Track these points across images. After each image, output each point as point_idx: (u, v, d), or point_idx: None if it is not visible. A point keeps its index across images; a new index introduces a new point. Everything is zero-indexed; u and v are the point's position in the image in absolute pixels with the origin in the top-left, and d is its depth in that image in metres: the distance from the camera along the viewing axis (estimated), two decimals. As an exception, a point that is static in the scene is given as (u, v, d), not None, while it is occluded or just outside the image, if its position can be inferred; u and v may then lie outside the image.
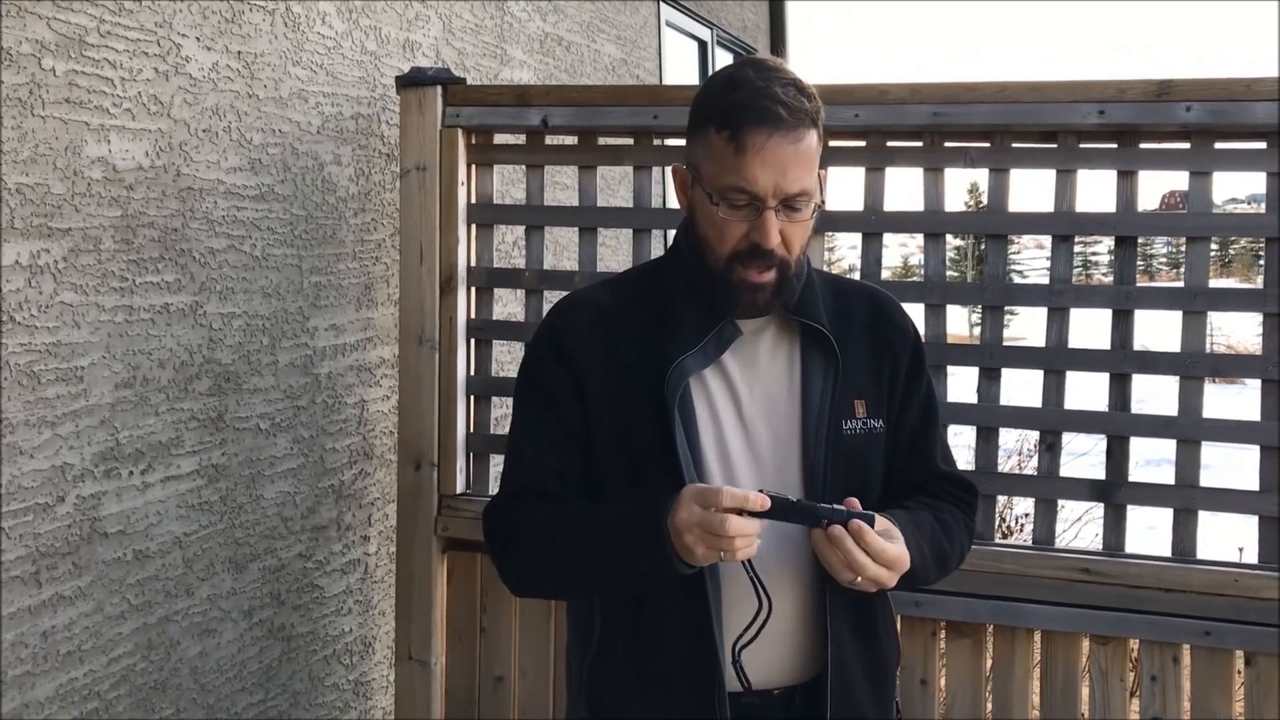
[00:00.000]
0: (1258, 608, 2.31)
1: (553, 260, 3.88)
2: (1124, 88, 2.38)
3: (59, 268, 2.06)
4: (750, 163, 1.49)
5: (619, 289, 1.72)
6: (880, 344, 1.70)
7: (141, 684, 2.28)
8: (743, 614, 1.57)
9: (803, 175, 1.51)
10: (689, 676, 1.58)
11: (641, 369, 1.60)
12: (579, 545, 1.57)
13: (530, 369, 1.71)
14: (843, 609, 1.62)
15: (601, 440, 1.63)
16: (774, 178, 1.49)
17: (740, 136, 1.49)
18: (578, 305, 1.70)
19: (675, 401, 1.57)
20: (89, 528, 2.14)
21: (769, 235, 1.51)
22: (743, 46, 6.80)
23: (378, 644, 3.08)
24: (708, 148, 1.54)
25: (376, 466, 3.02)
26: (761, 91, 1.50)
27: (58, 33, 2.04)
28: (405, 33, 3.09)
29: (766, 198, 1.50)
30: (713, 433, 1.61)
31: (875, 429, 1.66)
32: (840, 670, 1.61)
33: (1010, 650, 2.51)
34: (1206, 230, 2.41)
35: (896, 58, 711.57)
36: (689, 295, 1.62)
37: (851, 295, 1.73)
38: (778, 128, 1.49)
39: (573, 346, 1.64)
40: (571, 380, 1.63)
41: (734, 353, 1.63)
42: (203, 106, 2.38)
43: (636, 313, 1.65)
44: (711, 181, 1.53)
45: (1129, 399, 2.47)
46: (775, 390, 1.64)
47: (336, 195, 2.82)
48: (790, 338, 1.66)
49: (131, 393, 2.23)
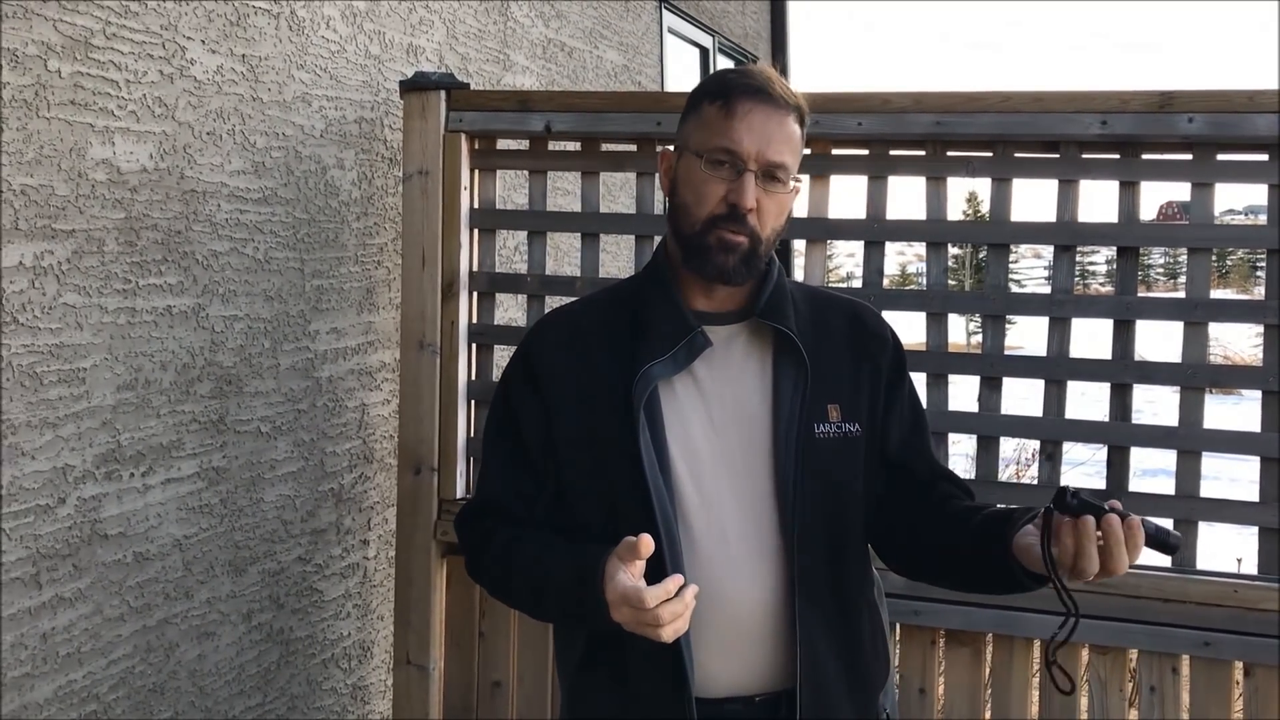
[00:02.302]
0: (1257, 619, 2.31)
1: (554, 265, 3.89)
2: (1126, 99, 2.38)
3: (62, 269, 2.06)
4: (737, 125, 1.58)
5: (597, 302, 1.79)
6: (859, 352, 1.72)
7: (140, 686, 2.28)
8: (720, 619, 1.59)
9: (784, 150, 1.60)
10: (662, 695, 1.59)
11: (611, 381, 1.63)
12: (530, 593, 1.65)
13: (504, 388, 1.76)
14: (817, 616, 1.62)
15: (570, 456, 1.67)
16: (758, 143, 1.58)
17: (731, 103, 1.59)
18: (551, 324, 1.77)
19: (640, 406, 1.59)
20: (89, 530, 2.14)
21: (746, 195, 1.58)
22: (744, 53, 6.81)
23: (376, 648, 3.08)
24: (699, 119, 1.64)
25: (376, 470, 3.02)
26: (757, 73, 1.63)
27: (63, 34, 2.04)
28: (409, 37, 3.10)
29: (749, 160, 1.58)
30: (681, 438, 1.62)
31: (851, 433, 1.67)
32: (813, 675, 1.61)
33: (1009, 659, 2.51)
34: (1210, 241, 2.41)
35: (899, 61, 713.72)
36: (663, 306, 1.66)
37: (829, 306, 1.76)
38: (765, 101, 1.60)
39: (541, 368, 1.70)
40: (539, 402, 1.69)
41: (705, 361, 1.65)
42: (207, 109, 2.38)
43: (611, 325, 1.69)
44: (700, 145, 1.61)
45: (1129, 409, 2.47)
46: (746, 396, 1.66)
47: (339, 199, 2.82)
48: (763, 345, 1.68)
49: (133, 395, 2.23)
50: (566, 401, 1.67)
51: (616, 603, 1.45)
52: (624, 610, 1.45)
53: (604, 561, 1.49)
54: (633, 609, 1.43)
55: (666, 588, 1.43)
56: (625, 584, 1.44)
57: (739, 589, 1.60)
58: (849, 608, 1.68)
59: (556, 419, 1.67)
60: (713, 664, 1.60)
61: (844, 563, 1.67)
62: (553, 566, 1.59)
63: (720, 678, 1.61)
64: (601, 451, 1.63)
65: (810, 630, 1.61)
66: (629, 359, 1.63)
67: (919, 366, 2.47)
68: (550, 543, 1.64)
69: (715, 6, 6.30)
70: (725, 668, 1.61)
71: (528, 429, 1.69)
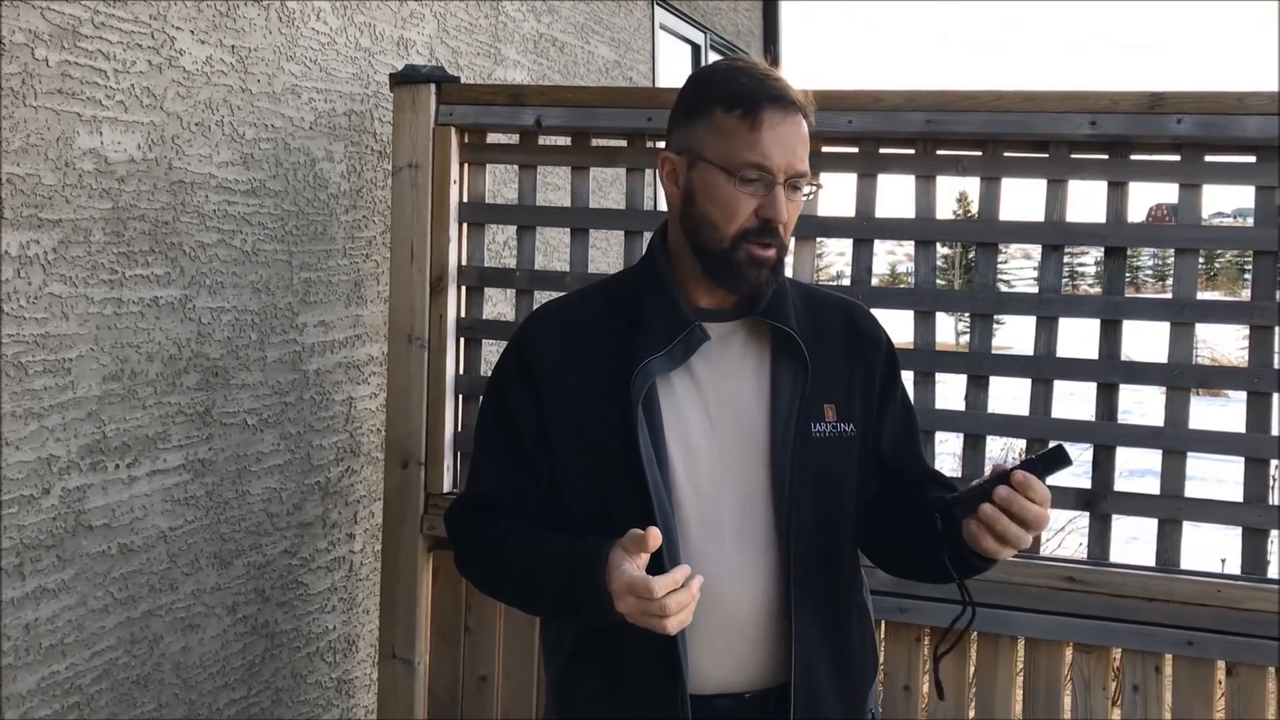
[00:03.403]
0: (1240, 618, 2.33)
1: (544, 261, 3.88)
2: (1116, 99, 2.39)
3: (48, 259, 2.05)
4: (765, 139, 1.54)
5: (591, 296, 1.76)
6: (854, 352, 1.72)
7: (124, 678, 2.27)
8: (711, 614, 1.58)
9: (806, 156, 1.59)
10: (654, 687, 1.59)
11: (608, 374, 1.62)
12: (525, 586, 1.63)
13: (497, 382, 1.75)
14: (809, 611, 1.62)
15: (565, 450, 1.66)
16: (786, 155, 1.55)
17: (756, 114, 1.55)
18: (545, 318, 1.75)
19: (639, 402, 1.58)
20: (74, 521, 2.13)
21: (780, 210, 1.56)
22: (736, 51, 6.81)
23: (361, 642, 3.07)
24: (714, 127, 1.58)
25: (363, 464, 3.02)
26: (767, 77, 1.58)
27: (52, 23, 2.03)
28: (400, 30, 3.09)
29: (779, 174, 1.55)
30: (679, 433, 1.62)
31: (846, 433, 1.67)
32: (807, 673, 1.61)
33: (994, 658, 2.52)
34: (1197, 242, 2.42)
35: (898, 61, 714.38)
36: (659, 300, 1.65)
37: (824, 305, 1.76)
38: (789, 109, 1.57)
39: (536, 363, 1.68)
40: (533, 398, 1.67)
41: (703, 356, 1.65)
42: (195, 100, 2.37)
43: (607, 320, 1.68)
44: (724, 158, 1.56)
45: (1116, 409, 2.48)
46: (744, 392, 1.65)
47: (328, 192, 2.81)
48: (760, 342, 1.68)
49: (119, 386, 2.22)
50: (562, 396, 1.65)
51: (621, 592, 1.45)
52: (629, 600, 1.44)
53: (606, 552, 1.48)
54: (639, 599, 1.43)
55: (674, 577, 1.43)
56: (632, 574, 1.44)
57: (733, 586, 1.60)
58: (841, 606, 1.68)
59: (551, 413, 1.66)
60: (704, 660, 1.60)
61: (837, 561, 1.68)
62: (549, 558, 1.58)
63: (711, 674, 1.60)
64: (598, 446, 1.62)
65: (804, 628, 1.61)
66: (626, 354, 1.61)
67: (907, 365, 2.47)
68: (545, 535, 1.63)
69: (707, 4, 6.30)
70: (717, 664, 1.60)
71: (522, 423, 1.68)
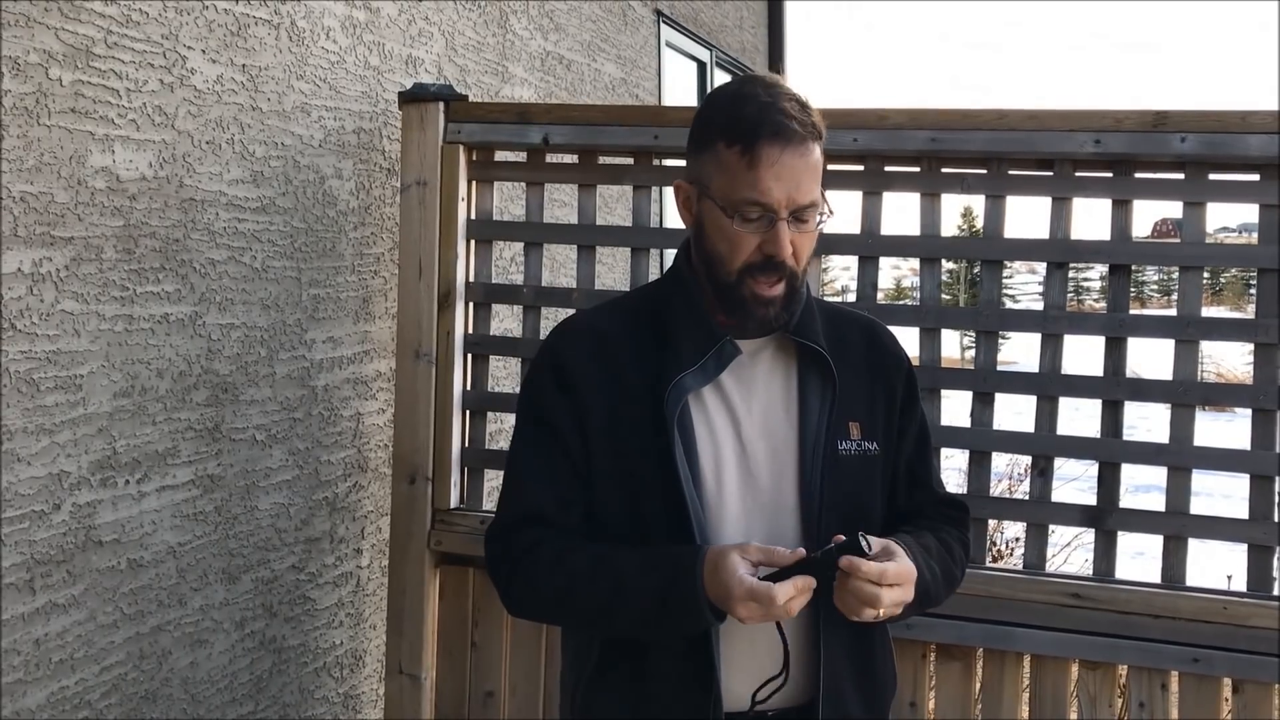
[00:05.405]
0: (1246, 635, 2.33)
1: (550, 277, 3.90)
2: (1120, 118, 2.40)
3: (60, 276, 2.07)
4: (764, 176, 1.51)
5: (619, 312, 1.74)
6: (875, 372, 1.72)
7: (132, 693, 2.28)
8: (740, 633, 1.57)
9: (812, 187, 1.55)
10: (686, 698, 1.59)
11: (641, 391, 1.62)
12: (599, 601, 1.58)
13: (532, 397, 1.71)
14: (838, 631, 1.62)
15: (602, 466, 1.64)
16: (787, 190, 1.52)
17: (754, 150, 1.52)
18: (579, 332, 1.72)
19: (675, 419, 1.58)
20: (84, 536, 2.15)
21: (782, 246, 1.54)
22: (741, 68, 6.83)
23: (368, 657, 3.08)
24: (717, 162, 1.56)
25: (371, 480, 3.03)
26: (771, 106, 1.53)
27: (65, 43, 2.05)
28: (408, 49, 3.11)
29: (779, 209, 1.53)
30: (711, 451, 1.62)
31: (870, 451, 1.68)
32: (834, 693, 1.62)
33: (1000, 674, 2.52)
34: (1202, 260, 2.43)
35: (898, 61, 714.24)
36: (689, 315, 1.64)
37: (847, 323, 1.76)
38: (790, 141, 1.52)
39: (575, 377, 1.65)
40: (574, 411, 1.64)
41: (732, 372, 1.65)
42: (206, 118, 2.39)
43: (636, 336, 1.67)
44: (724, 195, 1.55)
45: (1121, 425, 2.48)
46: (773, 409, 1.65)
47: (337, 209, 2.83)
48: (788, 358, 1.68)
49: (129, 402, 2.23)
50: (599, 407, 1.64)
51: (743, 597, 1.46)
52: (751, 605, 1.46)
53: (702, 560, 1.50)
54: (761, 605, 1.45)
55: (796, 584, 1.46)
56: (753, 582, 1.46)
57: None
58: (865, 624, 1.68)
59: (590, 422, 1.64)
60: (733, 677, 1.59)
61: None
62: (631, 573, 1.55)
63: (739, 691, 1.60)
64: (634, 462, 1.61)
65: (832, 646, 1.62)
66: (657, 369, 1.61)
67: (912, 381, 2.48)
68: (614, 551, 1.60)
69: (713, 21, 6.33)
70: (745, 682, 1.60)
71: (566, 431, 1.65)
